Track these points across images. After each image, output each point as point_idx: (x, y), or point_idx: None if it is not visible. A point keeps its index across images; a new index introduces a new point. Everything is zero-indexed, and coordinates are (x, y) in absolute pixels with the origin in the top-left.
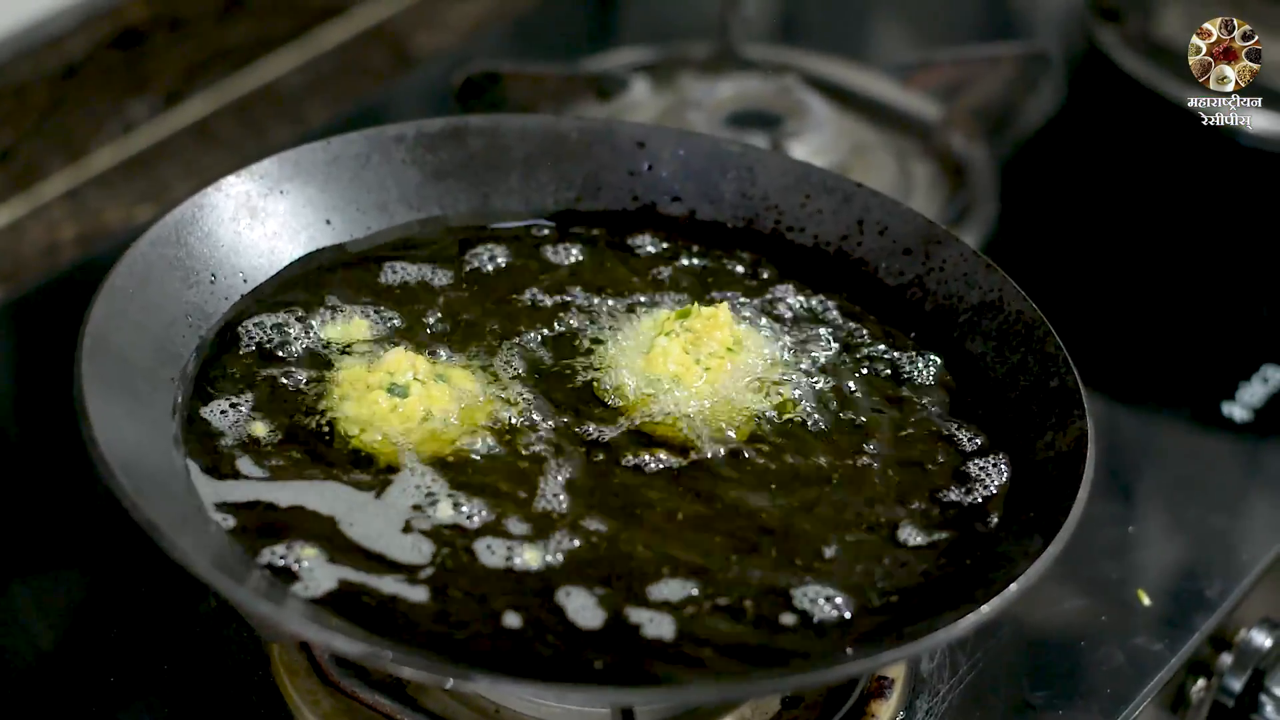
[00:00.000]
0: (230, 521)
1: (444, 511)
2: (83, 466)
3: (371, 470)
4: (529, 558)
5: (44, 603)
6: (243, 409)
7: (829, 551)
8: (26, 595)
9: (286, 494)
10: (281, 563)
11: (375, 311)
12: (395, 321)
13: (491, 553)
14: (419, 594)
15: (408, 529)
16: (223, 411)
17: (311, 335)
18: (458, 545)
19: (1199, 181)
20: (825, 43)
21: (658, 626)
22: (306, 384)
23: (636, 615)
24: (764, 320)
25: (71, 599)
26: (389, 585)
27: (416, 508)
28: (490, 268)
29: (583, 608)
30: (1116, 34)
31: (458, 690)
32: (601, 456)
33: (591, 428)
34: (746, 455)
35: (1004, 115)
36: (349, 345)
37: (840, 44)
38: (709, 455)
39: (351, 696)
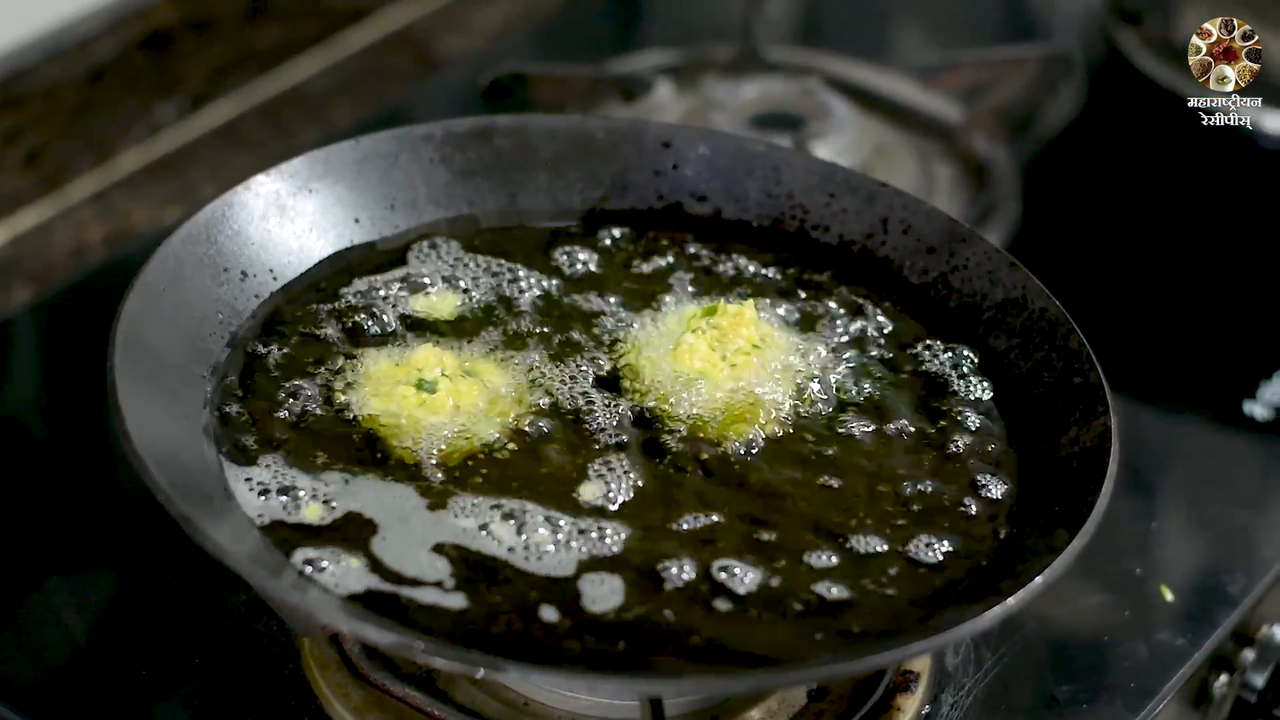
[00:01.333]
0: (262, 516)
1: (472, 520)
2: (113, 463)
3: (401, 468)
4: (565, 555)
5: (78, 598)
6: (272, 403)
7: (856, 544)
8: (61, 591)
9: (317, 489)
10: (313, 557)
11: (464, 291)
12: (423, 316)
13: (528, 551)
14: (454, 596)
15: (440, 549)
16: (253, 406)
17: (338, 331)
18: (489, 556)
19: (1219, 182)
20: (847, 45)
21: (687, 618)
22: (336, 380)
23: (666, 608)
24: (789, 317)
25: (104, 594)
26: (425, 594)
27: (448, 511)
28: (521, 264)
29: (611, 598)
30: (1136, 37)
31: (489, 681)
32: (629, 452)
33: (618, 424)
34: (773, 451)
35: (1025, 117)
36: (433, 321)
37: (862, 46)
38: (736, 451)
39: (382, 689)
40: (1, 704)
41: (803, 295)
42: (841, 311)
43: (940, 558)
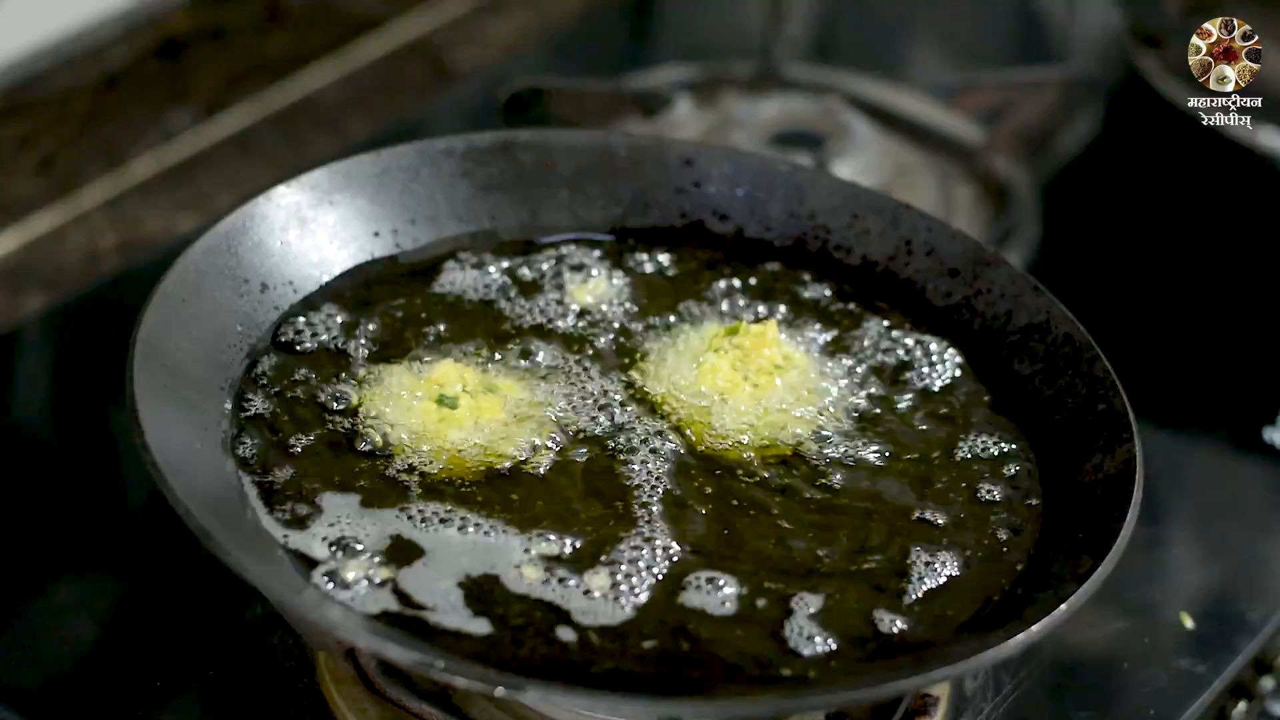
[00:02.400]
0: (279, 530)
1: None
2: (125, 472)
3: (418, 486)
4: (587, 580)
5: (90, 608)
6: (291, 417)
7: (873, 568)
8: (73, 601)
9: (335, 505)
10: (330, 573)
11: (620, 275)
12: (444, 331)
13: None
14: (476, 621)
15: (460, 572)
16: (271, 419)
17: (359, 345)
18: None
19: (1239, 206)
20: (868, 63)
21: (710, 640)
22: (356, 393)
23: (688, 627)
24: (812, 338)
25: (116, 605)
26: (445, 616)
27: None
28: (542, 281)
29: (633, 618)
30: (1156, 60)
31: (507, 700)
32: (653, 471)
33: (640, 443)
34: (795, 473)
35: (1045, 139)
36: (585, 310)
37: (883, 65)
38: (757, 473)
39: (398, 705)
40: (15, 713)
41: (826, 316)
42: (863, 333)
43: (963, 581)
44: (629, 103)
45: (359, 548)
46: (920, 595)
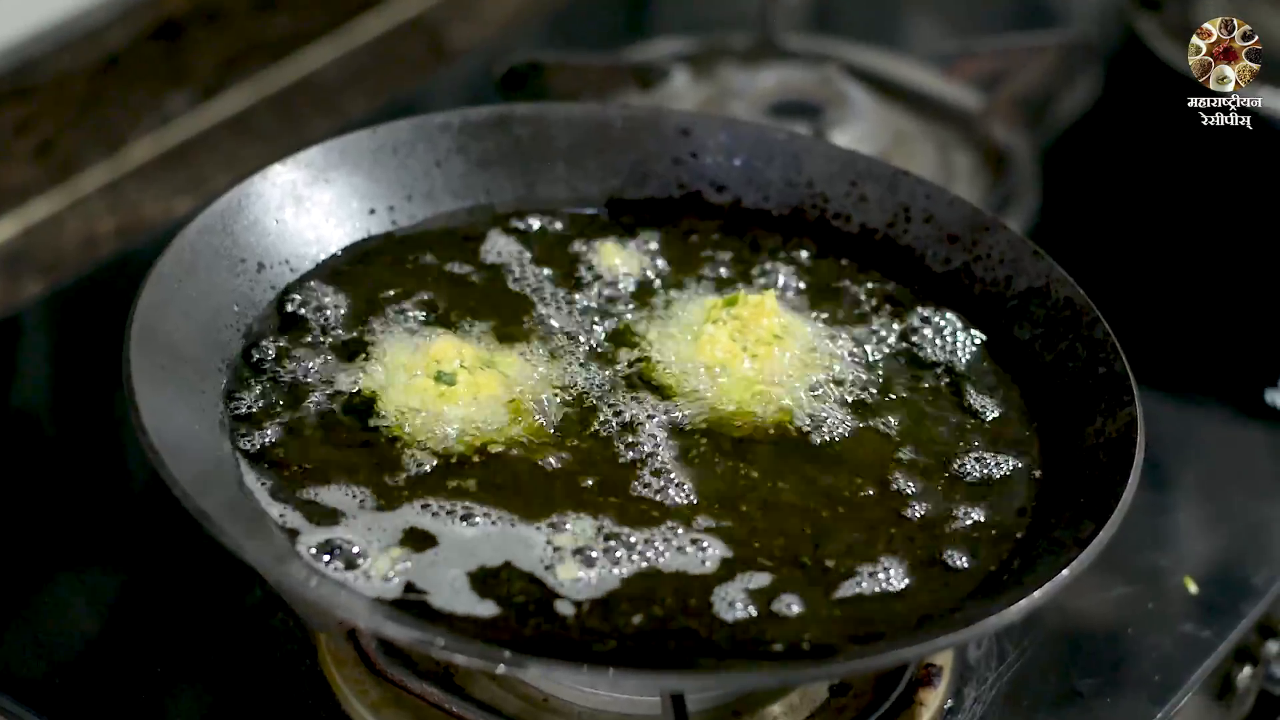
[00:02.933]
0: (277, 510)
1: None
2: (125, 456)
3: (416, 464)
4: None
5: (91, 593)
6: (288, 397)
7: (876, 538)
8: (73, 586)
9: (333, 484)
10: (330, 553)
11: (618, 247)
12: (442, 307)
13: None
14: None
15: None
16: (269, 399)
17: (356, 322)
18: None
19: (1239, 169)
20: (865, 32)
21: (713, 614)
22: (353, 371)
23: (691, 604)
24: (811, 307)
25: (117, 590)
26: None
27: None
28: (539, 254)
29: (631, 591)
30: (1156, 23)
31: (508, 677)
32: (650, 446)
33: (642, 415)
34: (795, 443)
35: (1045, 104)
36: (583, 282)
37: (880, 34)
38: (758, 443)
39: (399, 685)
40: (17, 703)
41: (825, 284)
42: (864, 300)
43: (964, 550)
44: (626, 76)
45: (357, 527)
46: (919, 564)
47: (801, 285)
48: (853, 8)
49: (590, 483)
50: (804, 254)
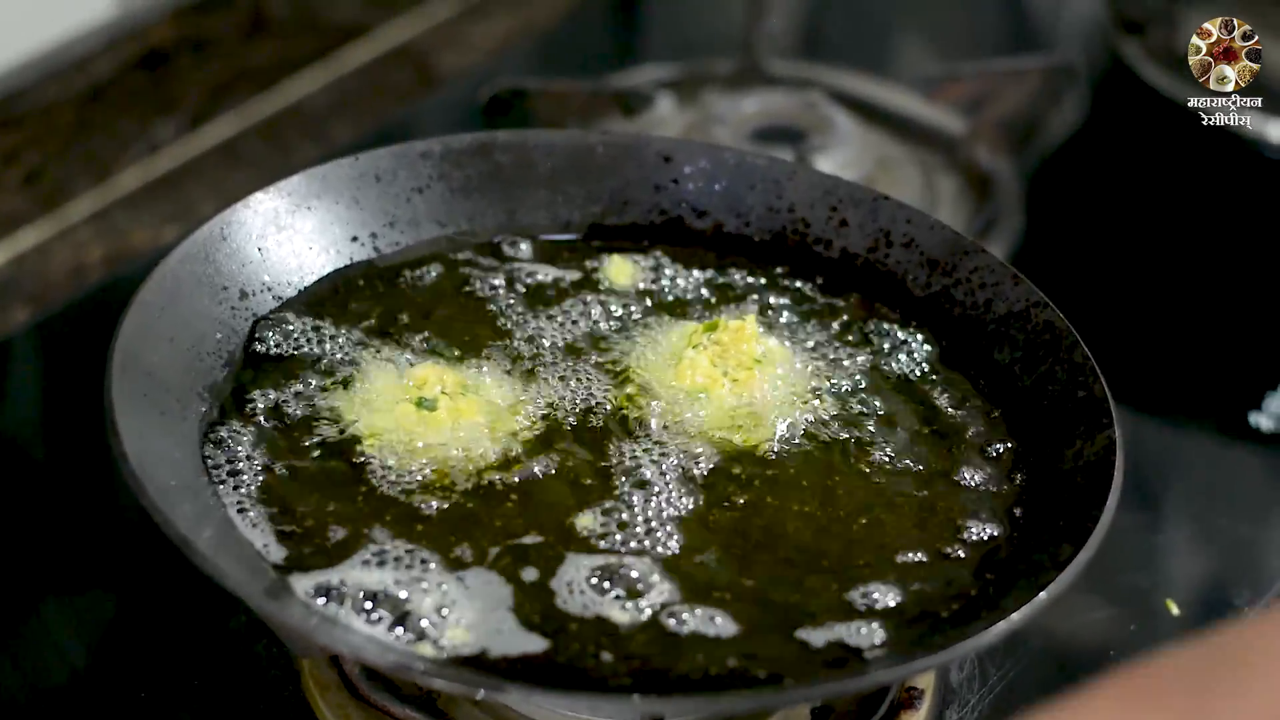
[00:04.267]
0: (258, 538)
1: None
2: (112, 484)
3: (397, 490)
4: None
5: (75, 619)
6: (267, 421)
7: (856, 560)
8: (58, 613)
9: (314, 511)
10: (311, 579)
11: (599, 273)
12: (423, 333)
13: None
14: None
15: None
16: (250, 426)
17: (338, 349)
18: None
19: (1223, 192)
20: (849, 57)
21: (690, 638)
22: (334, 398)
23: (669, 624)
24: (792, 332)
25: (102, 616)
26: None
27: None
28: (520, 281)
29: (616, 616)
30: (1140, 46)
31: (490, 702)
32: (631, 471)
33: (621, 442)
34: (776, 469)
35: (1029, 128)
36: (564, 309)
37: (864, 59)
38: (740, 468)
39: (382, 710)
40: None
41: (806, 309)
42: (844, 325)
43: (946, 573)
44: (610, 102)
45: (339, 554)
46: (900, 584)
47: (782, 310)
48: (837, 33)
49: (570, 507)
50: (785, 279)
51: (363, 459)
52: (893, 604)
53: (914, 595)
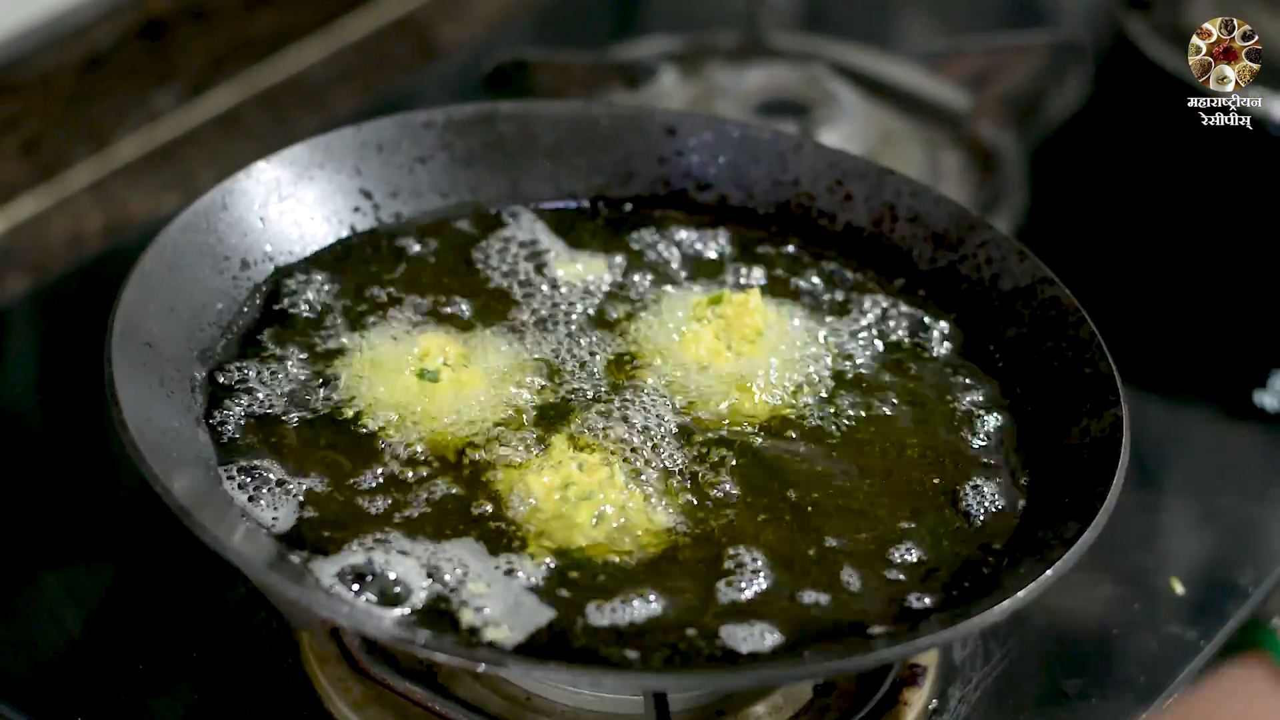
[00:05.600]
0: (260, 509)
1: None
2: (110, 454)
3: (398, 462)
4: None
5: (74, 592)
6: (268, 393)
7: (863, 539)
8: (56, 584)
9: (315, 482)
10: (312, 550)
11: (609, 258)
12: (426, 304)
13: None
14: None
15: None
16: (251, 395)
17: (341, 319)
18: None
19: (1228, 170)
20: (853, 31)
21: (693, 611)
22: (337, 369)
23: (671, 601)
24: (795, 306)
25: (101, 588)
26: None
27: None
28: (524, 251)
29: (617, 590)
30: (1145, 23)
31: (490, 676)
32: (635, 444)
33: (624, 415)
34: (779, 442)
35: (1033, 104)
36: (568, 280)
37: (868, 32)
38: (743, 441)
39: (382, 684)
40: (1, 700)
41: (809, 283)
42: (849, 299)
43: (950, 548)
44: (613, 74)
45: (340, 526)
46: (905, 560)
47: (787, 283)
48: (841, 6)
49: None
50: (789, 252)
51: (365, 430)
52: (893, 580)
53: (915, 571)
